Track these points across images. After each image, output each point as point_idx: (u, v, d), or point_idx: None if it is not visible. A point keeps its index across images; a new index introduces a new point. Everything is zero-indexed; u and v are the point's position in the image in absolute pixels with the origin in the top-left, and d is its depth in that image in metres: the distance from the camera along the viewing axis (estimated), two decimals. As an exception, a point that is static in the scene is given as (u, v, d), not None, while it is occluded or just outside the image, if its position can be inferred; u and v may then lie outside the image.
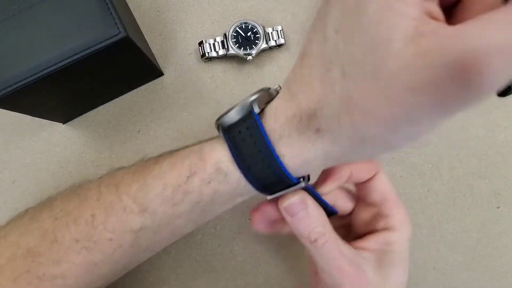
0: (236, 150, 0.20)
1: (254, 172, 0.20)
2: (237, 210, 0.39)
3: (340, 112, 0.17)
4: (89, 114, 0.40)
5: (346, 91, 0.16)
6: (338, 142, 0.18)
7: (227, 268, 0.38)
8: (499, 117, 0.41)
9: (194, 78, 0.41)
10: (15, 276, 0.24)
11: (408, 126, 0.16)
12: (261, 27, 0.40)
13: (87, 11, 0.30)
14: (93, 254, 0.24)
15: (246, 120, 0.20)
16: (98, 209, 0.24)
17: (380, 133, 0.16)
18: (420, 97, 0.14)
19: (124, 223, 0.23)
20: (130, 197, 0.23)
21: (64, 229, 0.24)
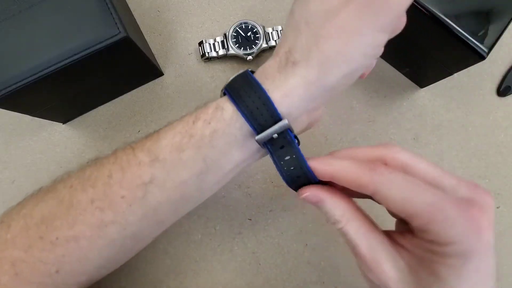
0: (231, 90, 0.24)
1: (246, 102, 0.24)
2: (237, 210, 0.39)
3: (308, 43, 0.23)
4: (89, 114, 0.40)
5: (310, 29, 0.23)
6: (311, 65, 0.23)
7: (226, 268, 0.38)
8: (499, 117, 0.41)
9: (194, 78, 0.41)
10: (28, 245, 0.25)
11: (354, 37, 0.22)
12: (261, 27, 0.40)
13: (87, 11, 0.30)
14: (105, 213, 0.25)
15: (241, 74, 0.25)
16: (114, 169, 0.26)
17: (338, 47, 0.23)
18: (353, 15, 0.22)
19: (137, 177, 0.25)
20: (145, 151, 0.25)
21: (80, 194, 0.26)
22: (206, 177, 0.26)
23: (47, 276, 0.26)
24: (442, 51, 0.34)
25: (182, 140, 0.25)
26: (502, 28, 0.31)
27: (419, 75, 0.41)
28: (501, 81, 0.42)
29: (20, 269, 0.25)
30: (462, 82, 0.42)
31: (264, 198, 0.39)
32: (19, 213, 0.27)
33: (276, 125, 0.23)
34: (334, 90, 0.24)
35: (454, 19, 0.30)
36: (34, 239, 0.25)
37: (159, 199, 0.26)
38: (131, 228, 0.26)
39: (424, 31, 0.33)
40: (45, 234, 0.25)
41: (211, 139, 0.25)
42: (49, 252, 0.25)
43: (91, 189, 0.25)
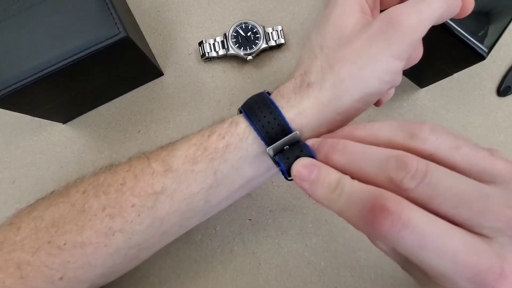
0: (246, 105, 0.25)
1: (258, 116, 0.24)
2: (237, 210, 0.39)
3: (323, 66, 0.24)
4: (89, 114, 0.40)
5: (325, 54, 0.24)
6: (324, 87, 0.24)
7: (227, 268, 0.38)
8: (499, 117, 0.41)
9: (194, 78, 0.41)
10: (36, 248, 0.25)
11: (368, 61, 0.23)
12: (261, 27, 0.40)
13: (87, 11, 0.30)
14: (115, 221, 0.26)
15: (258, 95, 0.26)
16: (128, 177, 0.26)
17: (353, 70, 0.23)
18: (367, 42, 0.23)
19: (149, 186, 0.26)
20: (159, 162, 0.26)
21: (92, 199, 0.26)
22: (216, 192, 0.26)
23: (50, 282, 0.26)
24: (442, 51, 0.34)
25: (196, 152, 0.26)
26: (502, 28, 0.31)
27: (419, 75, 0.41)
28: (501, 81, 0.42)
29: (25, 273, 0.25)
30: (462, 82, 0.42)
31: (264, 198, 0.39)
32: (29, 215, 0.27)
33: (287, 137, 0.24)
34: (347, 115, 0.25)
35: (454, 19, 0.30)
36: (42, 243, 0.26)
37: (167, 210, 0.26)
38: (136, 238, 0.26)
39: (424, 31, 0.33)
40: (53, 239, 0.26)
41: (224, 153, 0.25)
42: (55, 257, 0.26)
43: (103, 195, 0.26)
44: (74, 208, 0.26)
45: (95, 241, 0.26)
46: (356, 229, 0.20)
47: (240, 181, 0.26)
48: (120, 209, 0.26)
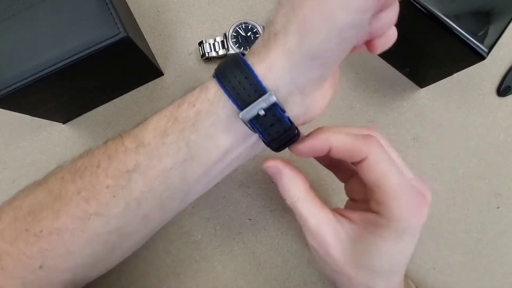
0: (217, 69, 0.23)
1: (229, 79, 0.22)
2: (237, 210, 0.39)
3: (287, 11, 0.21)
4: (89, 114, 0.40)
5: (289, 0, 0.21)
6: (289, 32, 0.21)
7: (227, 268, 0.38)
8: (499, 117, 0.41)
9: (194, 78, 0.41)
10: (14, 236, 0.25)
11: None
12: (261, 27, 0.40)
13: (87, 11, 0.30)
14: (90, 204, 0.24)
15: (230, 55, 0.25)
16: (103, 159, 0.25)
17: (314, 5, 0.20)
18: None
19: (122, 165, 0.24)
20: (131, 138, 0.25)
21: (69, 184, 0.25)
22: (191, 166, 0.24)
23: (30, 272, 0.25)
24: (442, 51, 0.34)
25: (167, 124, 0.24)
26: (502, 28, 0.31)
27: (419, 75, 0.41)
28: (501, 81, 0.42)
29: (5, 263, 0.25)
30: (462, 82, 0.42)
31: (264, 198, 0.39)
32: (10, 205, 0.26)
33: (261, 99, 0.22)
34: (323, 60, 0.22)
35: (454, 19, 0.30)
36: (20, 231, 0.25)
37: (141, 188, 0.25)
38: (114, 222, 0.25)
39: (424, 31, 0.33)
40: (30, 226, 0.25)
41: (195, 121, 0.23)
42: (33, 245, 0.25)
43: (79, 179, 0.25)
44: (51, 195, 0.25)
45: (71, 226, 0.25)
46: None
47: (216, 152, 0.24)
48: (95, 192, 0.24)
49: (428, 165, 0.40)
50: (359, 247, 0.25)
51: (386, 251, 0.24)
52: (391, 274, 0.26)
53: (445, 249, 0.38)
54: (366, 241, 0.25)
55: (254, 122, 0.22)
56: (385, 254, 0.24)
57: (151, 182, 0.24)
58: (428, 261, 0.38)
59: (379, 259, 0.25)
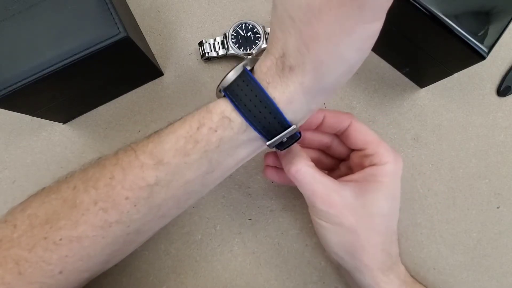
0: (236, 99, 0.24)
1: (254, 113, 0.24)
2: (237, 210, 0.39)
3: (299, 46, 0.22)
4: (89, 114, 0.40)
5: (297, 27, 0.22)
6: (306, 71, 0.23)
7: (227, 268, 0.38)
8: (499, 117, 0.41)
9: (194, 78, 0.41)
10: (32, 244, 0.26)
11: (343, 36, 0.21)
12: (261, 27, 0.40)
13: (87, 11, 0.30)
14: (109, 214, 0.26)
15: (241, 76, 0.25)
16: (116, 171, 0.26)
17: (329, 49, 0.22)
18: (339, 14, 0.21)
19: (141, 179, 0.26)
20: (147, 154, 0.26)
21: (83, 194, 0.26)
22: (211, 176, 0.27)
23: (50, 277, 0.26)
24: (442, 51, 0.34)
25: (187, 146, 0.25)
26: (502, 28, 0.31)
27: (419, 75, 0.41)
28: (501, 81, 0.42)
29: (23, 269, 0.26)
30: (462, 82, 0.42)
31: (264, 198, 0.39)
32: (24, 213, 0.27)
33: (286, 132, 0.25)
34: (334, 88, 0.25)
35: (454, 19, 0.30)
36: (38, 239, 0.26)
37: (164, 197, 0.26)
38: (135, 225, 0.27)
39: (424, 31, 0.33)
40: (49, 235, 0.26)
41: (218, 145, 0.25)
42: (53, 252, 0.26)
43: (93, 190, 0.26)
44: (66, 204, 0.26)
45: (92, 234, 0.26)
46: None
47: (234, 162, 0.27)
48: (114, 203, 0.26)
49: (428, 165, 0.40)
50: (363, 200, 0.29)
51: (385, 194, 0.30)
52: (390, 220, 0.31)
53: (445, 249, 0.38)
54: (369, 190, 0.30)
55: (277, 146, 0.26)
56: (385, 198, 0.30)
57: (174, 191, 0.26)
58: (428, 261, 0.38)
59: (381, 203, 0.30)
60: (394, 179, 0.30)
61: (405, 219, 0.39)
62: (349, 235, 0.30)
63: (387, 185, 0.30)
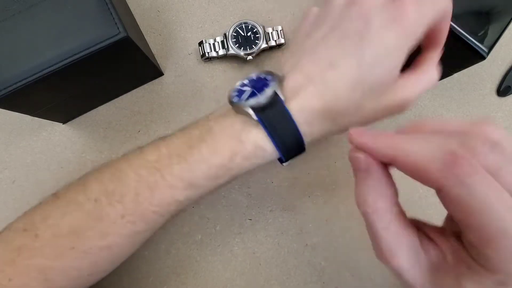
0: (273, 131, 0.25)
1: (287, 146, 0.26)
2: (237, 210, 0.39)
3: (326, 122, 0.27)
4: (89, 114, 0.40)
5: (312, 79, 0.26)
6: (329, 128, 0.27)
7: (227, 268, 0.38)
8: (499, 117, 0.41)
9: (194, 78, 0.41)
10: (58, 253, 0.27)
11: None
12: (261, 27, 0.40)
13: (87, 11, 0.30)
14: (137, 225, 0.27)
15: (274, 105, 0.25)
16: (141, 188, 0.27)
17: (357, 121, 0.27)
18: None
19: (170, 197, 0.27)
20: (175, 177, 0.27)
21: (108, 208, 0.27)
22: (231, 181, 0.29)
23: (78, 279, 0.28)
24: (442, 51, 0.34)
25: (219, 172, 0.27)
26: (502, 28, 0.31)
27: (419, 75, 0.41)
28: (501, 81, 0.42)
29: (50, 276, 0.26)
30: (462, 82, 0.42)
31: (264, 198, 0.39)
32: (45, 222, 0.27)
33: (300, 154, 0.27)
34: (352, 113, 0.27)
35: (454, 19, 0.30)
36: (65, 249, 0.26)
37: (190, 201, 0.29)
38: (159, 226, 0.29)
39: (424, 31, 0.33)
40: (76, 245, 0.27)
41: (249, 168, 0.27)
42: (82, 259, 0.27)
43: (119, 204, 0.27)
44: (90, 217, 0.27)
45: (121, 242, 0.28)
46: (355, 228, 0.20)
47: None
48: (142, 217, 0.27)
49: (428, 165, 0.40)
50: (441, 282, 0.20)
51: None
52: None
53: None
54: (452, 278, 0.19)
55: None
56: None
57: (200, 196, 0.28)
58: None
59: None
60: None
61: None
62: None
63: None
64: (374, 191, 0.21)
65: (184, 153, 0.27)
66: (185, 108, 0.40)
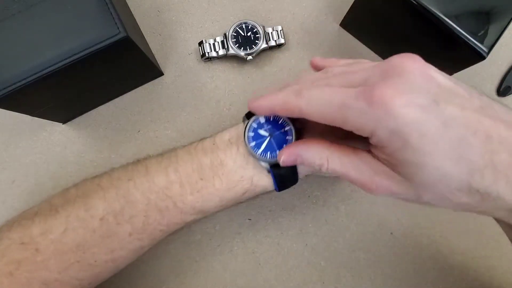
0: (281, 182, 0.28)
1: (287, 187, 0.28)
2: (237, 210, 0.39)
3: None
4: (89, 114, 0.40)
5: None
6: None
7: (227, 268, 0.38)
8: (499, 117, 0.41)
9: (194, 78, 0.41)
10: (63, 267, 0.27)
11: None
12: (261, 27, 0.40)
13: (87, 11, 0.30)
14: (144, 241, 0.29)
15: (292, 169, 0.28)
16: (151, 211, 0.28)
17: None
18: None
19: (179, 220, 0.29)
20: (187, 205, 0.28)
21: (116, 227, 0.28)
22: None
23: (78, 286, 0.29)
24: (442, 51, 0.34)
25: (228, 203, 0.29)
26: (502, 28, 0.31)
27: (419, 75, 0.41)
28: (501, 81, 0.42)
29: (53, 286, 0.27)
30: (462, 82, 0.42)
31: (264, 198, 0.39)
32: (45, 237, 0.27)
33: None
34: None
35: (454, 19, 0.30)
36: (70, 263, 0.27)
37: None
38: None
39: (424, 31, 0.33)
40: (82, 259, 0.27)
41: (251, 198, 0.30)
42: (86, 271, 0.28)
43: (127, 224, 0.28)
44: (96, 234, 0.27)
45: (126, 255, 0.29)
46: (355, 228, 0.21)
47: None
48: (149, 234, 0.29)
49: (428, 165, 0.40)
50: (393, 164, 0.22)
51: (402, 162, 0.21)
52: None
53: (445, 249, 0.38)
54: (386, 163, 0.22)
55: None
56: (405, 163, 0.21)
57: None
58: (428, 261, 0.38)
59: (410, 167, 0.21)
60: (403, 145, 0.21)
61: (405, 219, 0.39)
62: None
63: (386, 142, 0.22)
64: (313, 157, 0.25)
65: (196, 185, 0.28)
66: (185, 108, 0.40)
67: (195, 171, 0.28)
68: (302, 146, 0.25)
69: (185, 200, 0.28)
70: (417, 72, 0.20)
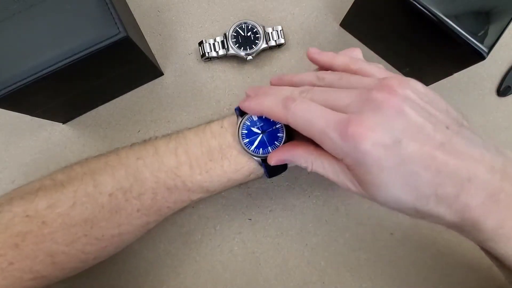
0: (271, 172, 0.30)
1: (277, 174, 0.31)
2: (237, 210, 0.39)
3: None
4: (89, 114, 0.40)
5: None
6: None
7: (227, 268, 0.38)
8: (499, 117, 0.41)
9: (194, 78, 0.41)
10: (70, 240, 0.28)
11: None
12: (261, 27, 0.40)
13: (87, 11, 0.30)
14: (150, 217, 0.30)
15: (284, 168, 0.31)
16: (160, 189, 0.29)
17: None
18: None
19: (186, 198, 0.30)
20: (195, 184, 0.29)
21: (125, 203, 0.29)
22: None
23: (83, 262, 0.29)
24: (442, 51, 0.34)
25: (234, 183, 0.31)
26: (502, 28, 0.31)
27: (419, 75, 0.40)
28: (501, 81, 0.42)
29: (58, 259, 0.28)
30: (462, 82, 0.42)
31: (264, 198, 0.39)
32: (51, 210, 0.28)
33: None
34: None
35: (454, 19, 0.30)
36: (78, 236, 0.28)
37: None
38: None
39: (424, 31, 0.33)
40: (90, 232, 0.28)
41: None
42: (93, 245, 0.29)
43: (136, 200, 0.29)
44: (105, 209, 0.28)
45: (132, 230, 0.30)
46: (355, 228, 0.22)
47: None
48: (156, 210, 0.30)
49: (428, 165, 0.40)
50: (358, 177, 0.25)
51: (365, 183, 0.24)
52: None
53: (444, 249, 0.38)
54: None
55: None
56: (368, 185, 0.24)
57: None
58: (428, 261, 0.38)
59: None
60: (366, 170, 0.25)
61: (405, 219, 0.39)
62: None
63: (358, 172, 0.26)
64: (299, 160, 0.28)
65: (205, 166, 0.29)
66: (185, 108, 0.40)
67: (205, 154, 0.30)
68: (290, 152, 0.28)
69: (193, 180, 0.29)
70: (392, 110, 0.22)
